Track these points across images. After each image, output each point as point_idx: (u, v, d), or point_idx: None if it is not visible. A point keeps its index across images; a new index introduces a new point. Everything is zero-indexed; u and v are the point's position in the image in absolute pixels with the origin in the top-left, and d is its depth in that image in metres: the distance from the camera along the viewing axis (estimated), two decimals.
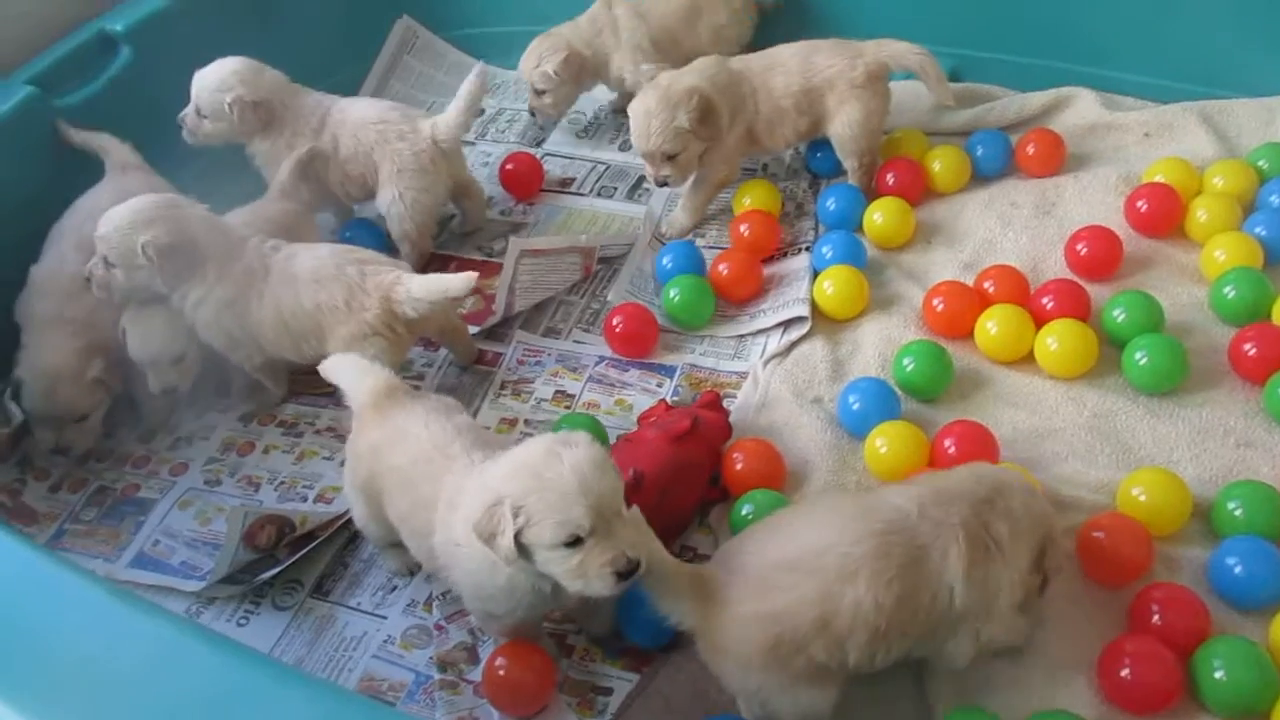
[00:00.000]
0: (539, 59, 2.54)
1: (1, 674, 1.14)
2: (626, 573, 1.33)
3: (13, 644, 1.18)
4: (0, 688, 1.12)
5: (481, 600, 1.52)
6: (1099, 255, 2.09)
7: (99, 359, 1.97)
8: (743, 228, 2.29)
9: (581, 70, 2.58)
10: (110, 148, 2.23)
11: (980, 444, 1.76)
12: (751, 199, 2.37)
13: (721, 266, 2.21)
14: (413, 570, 1.79)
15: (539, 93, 2.59)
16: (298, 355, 1.97)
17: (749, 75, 2.27)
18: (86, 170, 2.19)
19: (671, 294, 2.16)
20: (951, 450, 1.74)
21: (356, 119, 2.27)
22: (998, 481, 1.45)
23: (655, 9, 2.57)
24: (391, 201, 2.25)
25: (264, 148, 2.28)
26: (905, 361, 1.93)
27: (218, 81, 2.19)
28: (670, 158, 2.22)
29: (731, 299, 2.21)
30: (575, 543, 1.32)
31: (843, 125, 2.28)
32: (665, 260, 2.25)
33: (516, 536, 1.32)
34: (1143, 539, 1.62)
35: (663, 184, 2.28)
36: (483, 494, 1.37)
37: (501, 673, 1.58)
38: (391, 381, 1.67)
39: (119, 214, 1.88)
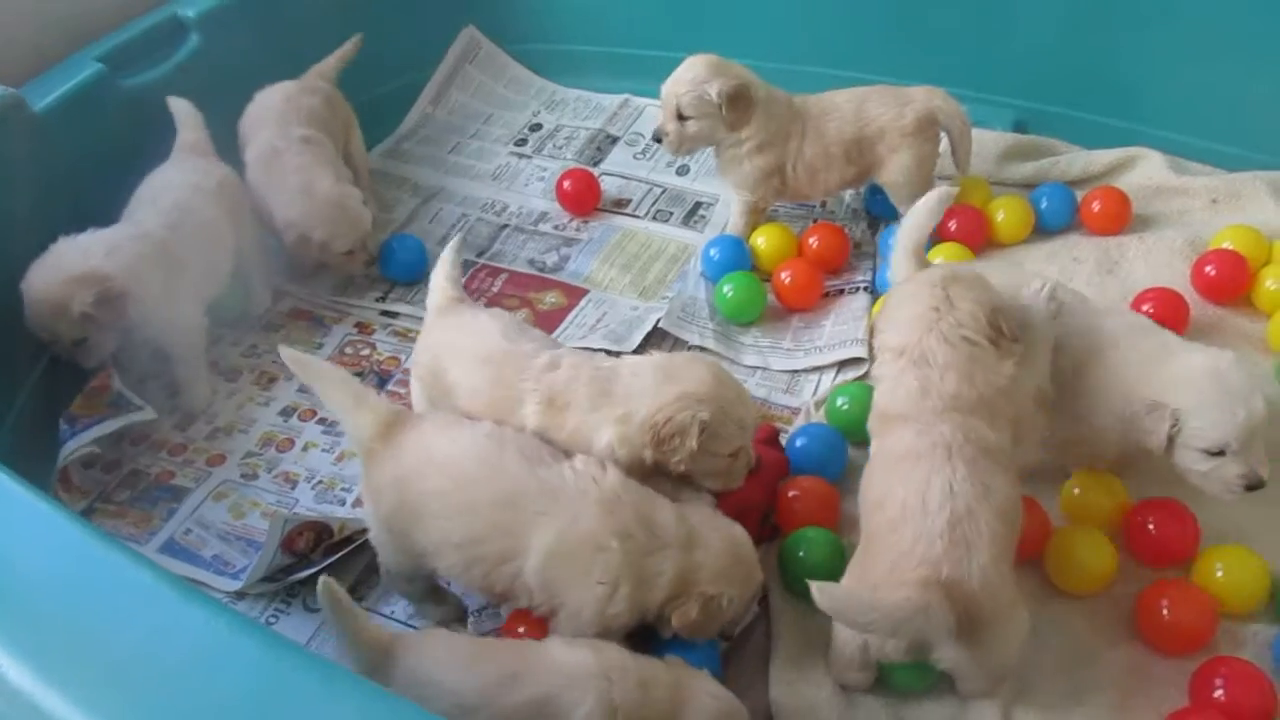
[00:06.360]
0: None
1: (48, 659, 1.10)
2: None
3: (61, 628, 1.14)
4: (47, 673, 1.08)
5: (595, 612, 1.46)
6: (1165, 318, 2.02)
7: (88, 292, 1.86)
8: (812, 240, 2.31)
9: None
10: (190, 124, 2.21)
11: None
12: (766, 239, 2.33)
13: (784, 274, 2.22)
14: (459, 617, 1.72)
15: (682, 118, 2.21)
16: None
17: (805, 115, 2.25)
18: (150, 147, 2.17)
19: (725, 290, 2.19)
20: None
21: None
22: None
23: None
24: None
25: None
26: None
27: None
28: (682, 119, 2.20)
29: (793, 307, 2.24)
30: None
31: (895, 172, 2.26)
32: (712, 252, 2.29)
33: None
34: (1207, 609, 1.58)
35: (657, 139, 2.26)
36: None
37: None
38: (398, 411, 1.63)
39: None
